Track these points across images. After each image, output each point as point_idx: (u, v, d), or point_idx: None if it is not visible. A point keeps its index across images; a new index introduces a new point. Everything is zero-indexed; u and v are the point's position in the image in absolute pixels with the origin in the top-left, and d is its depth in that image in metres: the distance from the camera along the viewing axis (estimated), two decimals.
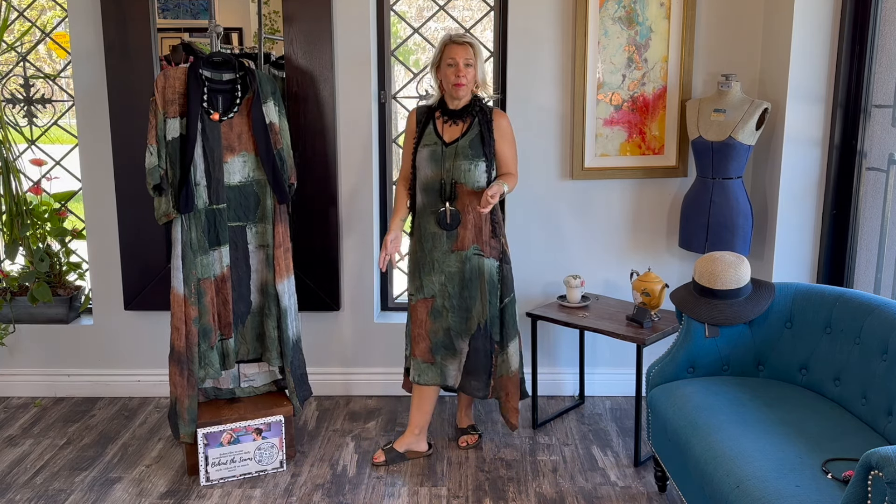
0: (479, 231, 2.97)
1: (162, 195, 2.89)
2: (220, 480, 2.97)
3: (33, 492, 2.90)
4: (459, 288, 3.00)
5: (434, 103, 3.04)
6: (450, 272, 2.99)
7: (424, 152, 2.98)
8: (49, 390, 3.74)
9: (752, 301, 2.67)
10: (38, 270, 3.58)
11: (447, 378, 3.08)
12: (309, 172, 3.45)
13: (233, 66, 2.95)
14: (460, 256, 2.98)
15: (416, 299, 3.05)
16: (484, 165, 2.93)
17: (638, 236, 3.60)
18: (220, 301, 3.04)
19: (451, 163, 2.93)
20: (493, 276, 3.00)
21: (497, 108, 3.02)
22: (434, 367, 3.07)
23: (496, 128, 2.96)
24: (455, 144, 2.94)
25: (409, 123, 3.08)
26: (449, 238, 2.97)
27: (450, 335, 3.04)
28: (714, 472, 2.17)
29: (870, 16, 3.00)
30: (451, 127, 2.98)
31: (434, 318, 3.04)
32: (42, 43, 3.81)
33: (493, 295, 3.00)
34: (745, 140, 3.16)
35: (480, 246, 2.97)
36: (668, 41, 3.41)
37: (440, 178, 2.94)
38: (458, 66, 2.88)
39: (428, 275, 3.02)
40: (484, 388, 3.08)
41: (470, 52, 2.89)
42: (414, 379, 3.09)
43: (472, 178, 2.93)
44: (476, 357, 3.04)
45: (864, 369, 2.40)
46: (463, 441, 3.22)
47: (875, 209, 3.02)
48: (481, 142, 2.93)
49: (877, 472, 1.65)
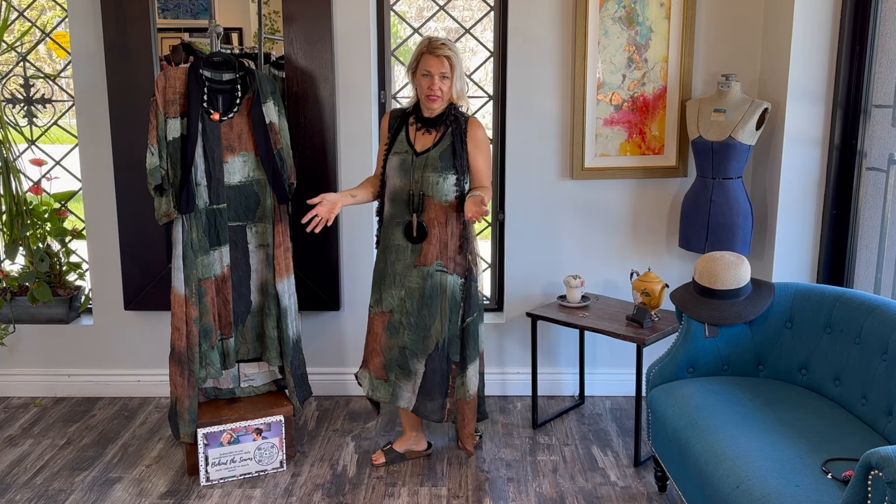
0: (444, 246, 2.85)
1: (163, 195, 2.89)
2: (220, 480, 2.97)
3: (33, 492, 2.90)
4: (419, 305, 2.87)
5: (409, 107, 2.92)
6: (410, 287, 2.88)
7: (394, 161, 2.86)
8: (49, 390, 3.74)
9: (752, 301, 2.67)
10: (38, 270, 3.58)
11: (399, 399, 2.96)
12: (309, 172, 3.45)
13: (233, 66, 2.95)
14: (422, 272, 2.86)
15: (374, 311, 2.97)
16: (454, 178, 2.81)
17: (638, 236, 3.60)
18: (221, 301, 3.04)
19: (420, 174, 2.81)
20: (456, 294, 2.88)
21: (473, 118, 2.89)
22: (387, 384, 2.97)
23: (470, 138, 2.83)
24: (426, 155, 2.82)
25: (381, 127, 2.99)
26: (413, 252, 2.86)
27: (405, 354, 2.92)
28: (714, 471, 2.17)
29: (870, 16, 3.00)
30: (424, 135, 2.85)
31: (390, 335, 2.93)
32: (42, 43, 3.81)
33: (454, 313, 2.88)
34: (745, 140, 3.16)
35: (444, 262, 2.85)
36: (668, 41, 3.41)
37: (409, 188, 2.83)
38: (433, 78, 2.75)
39: (388, 288, 2.91)
40: (439, 411, 2.94)
41: (446, 66, 2.74)
42: (368, 394, 3.02)
43: (441, 191, 2.81)
44: (432, 378, 2.91)
45: (864, 369, 2.40)
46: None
47: (875, 209, 3.02)
48: (452, 153, 2.81)
49: (877, 472, 1.65)
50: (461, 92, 2.85)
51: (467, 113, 2.93)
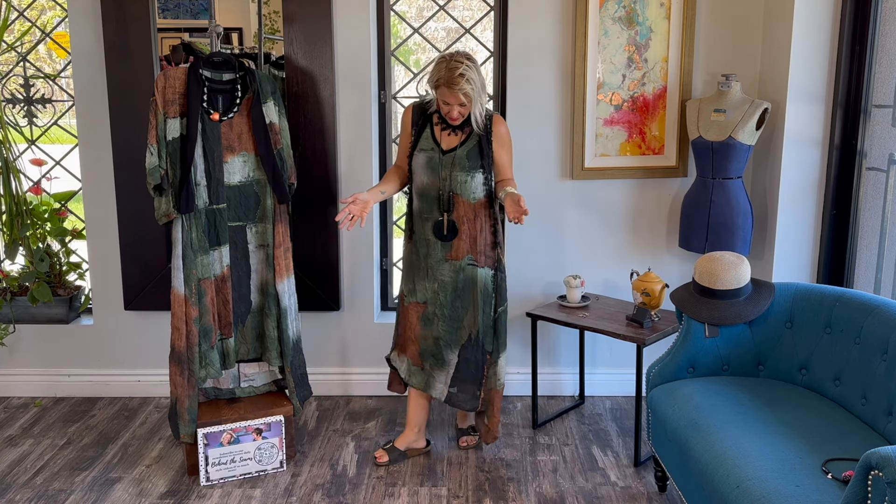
0: (474, 241, 2.91)
1: (162, 195, 2.89)
2: (220, 480, 2.97)
3: (33, 492, 2.90)
4: (452, 297, 2.94)
5: (431, 107, 2.94)
6: (443, 281, 2.94)
7: (421, 158, 2.90)
8: (49, 390, 3.74)
9: (752, 301, 2.67)
10: (38, 270, 3.58)
11: (432, 388, 3.01)
12: (309, 172, 3.45)
13: (233, 66, 2.95)
14: (454, 266, 2.92)
15: (409, 301, 3.02)
16: (481, 177, 2.87)
17: (638, 236, 3.60)
18: (221, 301, 3.04)
19: (448, 172, 2.86)
20: (488, 286, 2.94)
21: (497, 114, 2.92)
22: (423, 373, 3.03)
23: (495, 135, 2.88)
24: (453, 153, 2.87)
25: (404, 120, 3.01)
26: (444, 247, 2.92)
27: (439, 345, 2.98)
28: (714, 472, 2.18)
29: (870, 16, 3.00)
30: (450, 136, 2.90)
31: (424, 325, 2.99)
32: (42, 43, 3.81)
33: (487, 304, 2.94)
34: (745, 140, 3.16)
35: (474, 255, 2.91)
36: (668, 41, 3.41)
37: (437, 187, 2.88)
38: (452, 107, 2.79)
39: (422, 280, 2.98)
40: (473, 400, 3.01)
41: (462, 99, 2.76)
42: (406, 379, 3.08)
43: (469, 189, 2.87)
44: (466, 368, 2.98)
45: (864, 369, 2.40)
46: (463, 441, 3.21)
47: (875, 209, 3.02)
48: (479, 153, 2.86)
49: (877, 472, 1.65)
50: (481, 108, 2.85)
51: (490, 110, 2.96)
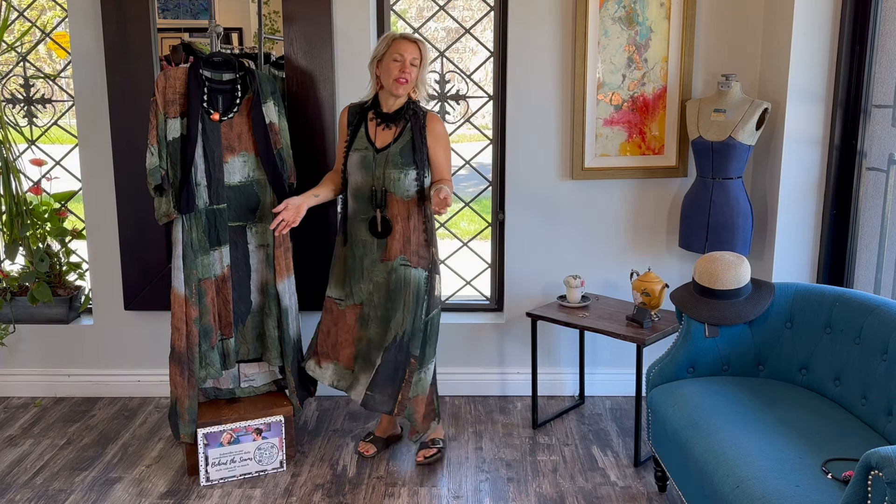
0: (407, 241, 2.88)
1: (163, 195, 2.89)
2: (220, 480, 2.97)
3: (33, 492, 2.90)
4: (384, 299, 2.92)
5: (367, 100, 2.93)
6: (377, 282, 2.92)
7: (355, 158, 2.88)
8: (49, 390, 3.74)
9: (752, 301, 2.67)
10: (38, 270, 3.58)
11: (353, 391, 2.99)
12: (309, 172, 3.44)
13: (233, 66, 2.95)
14: (387, 267, 2.90)
15: (346, 305, 3.00)
16: (414, 174, 2.84)
17: (638, 236, 3.60)
18: (221, 301, 3.04)
19: (382, 170, 2.84)
20: (421, 287, 2.90)
21: (431, 112, 2.91)
22: (351, 374, 3.02)
23: (430, 132, 2.86)
24: (386, 151, 2.85)
25: (340, 122, 3.00)
26: (378, 247, 2.90)
27: (369, 346, 2.97)
28: (714, 472, 2.18)
29: (870, 16, 3.00)
30: (384, 131, 2.87)
31: (361, 326, 2.99)
32: (42, 43, 3.81)
33: (418, 306, 2.89)
34: (745, 140, 3.16)
35: (407, 256, 2.89)
36: (668, 41, 3.41)
37: (371, 185, 2.86)
38: (405, 62, 2.79)
39: (357, 282, 2.96)
40: (389, 402, 2.93)
41: (418, 52, 2.81)
42: (333, 383, 3.05)
43: (402, 187, 2.84)
44: (385, 370, 2.91)
45: (864, 369, 2.40)
46: (420, 456, 3.07)
47: (875, 209, 3.02)
48: (412, 149, 2.84)
49: (877, 472, 1.65)
50: (424, 83, 2.89)
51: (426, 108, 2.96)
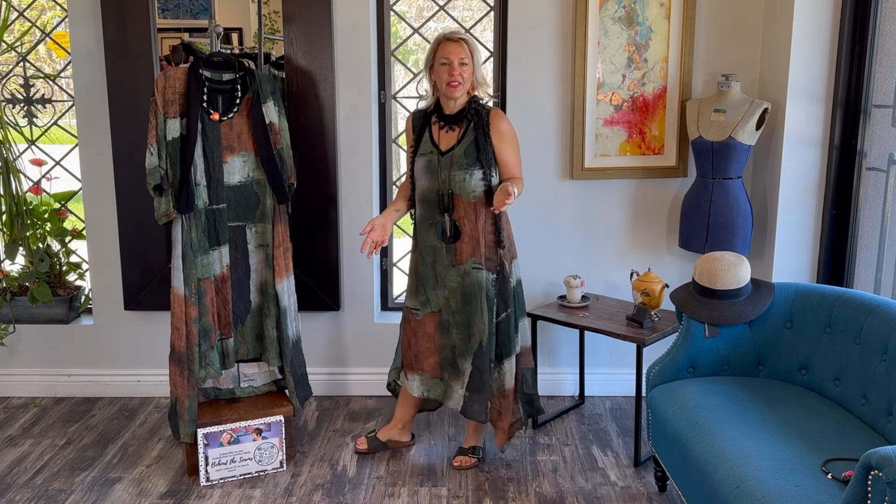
0: (477, 243, 2.84)
1: (162, 195, 2.89)
2: (220, 480, 2.97)
3: (33, 492, 2.90)
4: (462, 304, 2.88)
5: (430, 106, 2.91)
6: (452, 287, 2.89)
7: (420, 163, 2.85)
8: (49, 390, 3.74)
9: (752, 301, 2.67)
10: (38, 270, 3.58)
11: (450, 399, 2.96)
12: (309, 172, 3.45)
13: (233, 66, 2.95)
14: (460, 271, 2.87)
15: (423, 314, 2.96)
16: (480, 174, 2.79)
17: (638, 236, 3.60)
18: (220, 301, 3.04)
19: (447, 173, 2.80)
20: (490, 290, 2.87)
21: (496, 109, 2.86)
22: (442, 383, 3.00)
23: (494, 131, 2.81)
24: (451, 153, 2.81)
25: (406, 129, 2.98)
26: (448, 252, 2.87)
27: (454, 353, 2.93)
28: (714, 472, 2.17)
29: (870, 16, 3.00)
30: (448, 133, 2.84)
31: (442, 334, 2.95)
32: (42, 43, 3.81)
33: (489, 310, 2.87)
34: (745, 140, 3.16)
35: (478, 259, 2.85)
36: (668, 41, 3.41)
37: (437, 189, 2.83)
38: (453, 65, 2.74)
39: (432, 289, 2.93)
40: (485, 412, 2.94)
41: (465, 50, 2.74)
42: (423, 394, 3.02)
43: (468, 188, 2.80)
44: (478, 377, 2.90)
45: (864, 369, 2.40)
46: (458, 461, 3.06)
47: (875, 209, 3.02)
48: (476, 149, 2.79)
49: (877, 472, 1.65)
50: (482, 80, 2.84)
51: (489, 104, 2.91)
